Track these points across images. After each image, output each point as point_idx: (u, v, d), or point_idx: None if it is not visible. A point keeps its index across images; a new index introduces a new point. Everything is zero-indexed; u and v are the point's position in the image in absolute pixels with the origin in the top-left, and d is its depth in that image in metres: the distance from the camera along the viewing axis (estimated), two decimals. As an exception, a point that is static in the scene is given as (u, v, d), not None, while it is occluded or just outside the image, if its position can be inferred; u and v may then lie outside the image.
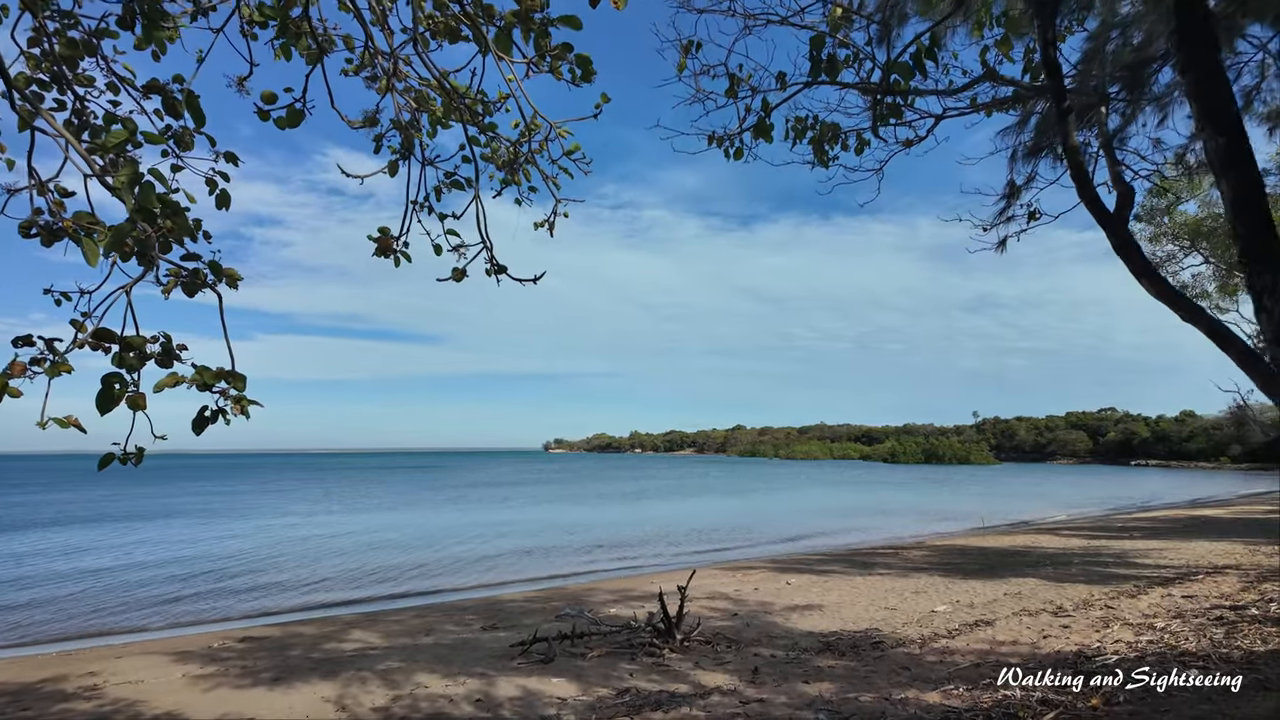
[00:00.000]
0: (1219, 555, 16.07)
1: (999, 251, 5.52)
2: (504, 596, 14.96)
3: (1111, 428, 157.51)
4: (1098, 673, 6.05)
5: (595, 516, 33.68)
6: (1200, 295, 17.09)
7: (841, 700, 6.31)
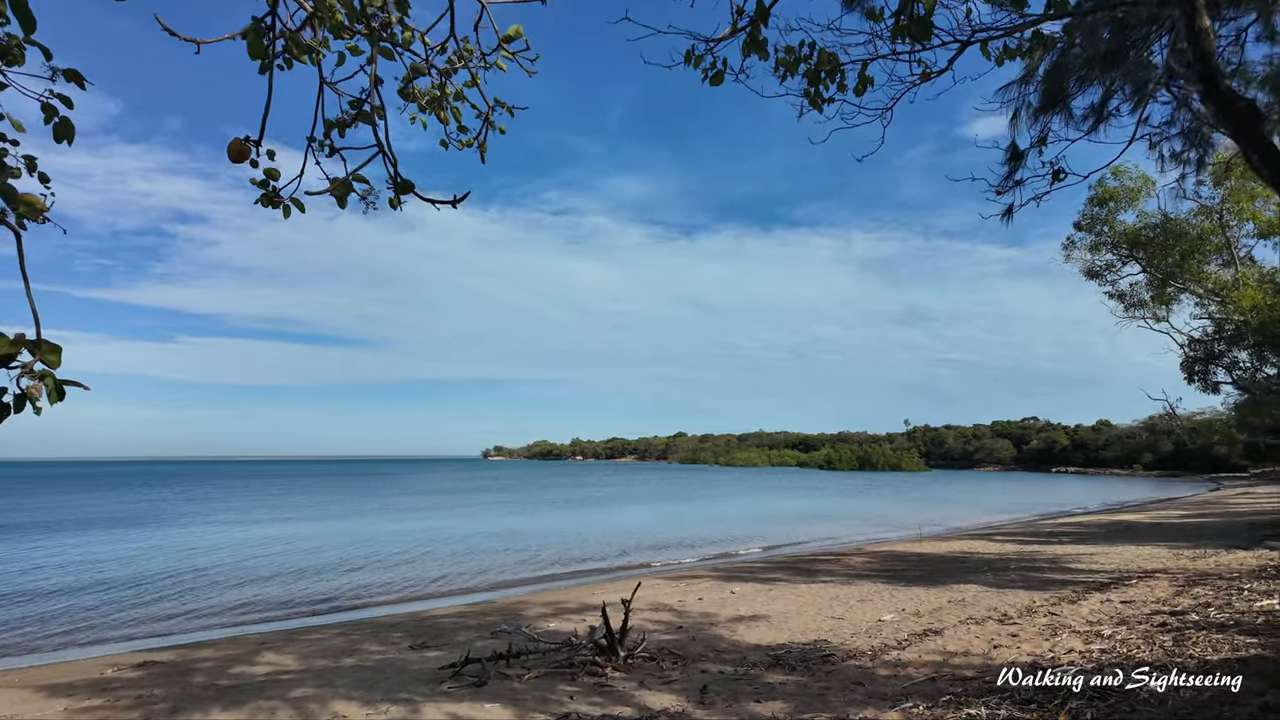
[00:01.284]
0: (1146, 559, 16.51)
1: (1005, 221, 5.22)
2: (436, 611, 14.14)
3: (1034, 436, 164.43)
4: (1061, 688, 5.82)
5: (534, 525, 32.81)
6: (1138, 304, 17.67)
7: (797, 722, 5.92)
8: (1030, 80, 4.30)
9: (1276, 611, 8.36)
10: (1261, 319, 12.96)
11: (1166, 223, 16.03)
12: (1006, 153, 4.70)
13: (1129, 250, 16.64)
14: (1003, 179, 4.77)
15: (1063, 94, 4.18)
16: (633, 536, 27.80)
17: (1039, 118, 4.37)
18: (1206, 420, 40.68)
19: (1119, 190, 16.32)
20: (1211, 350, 15.69)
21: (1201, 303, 16.80)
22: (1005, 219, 5.08)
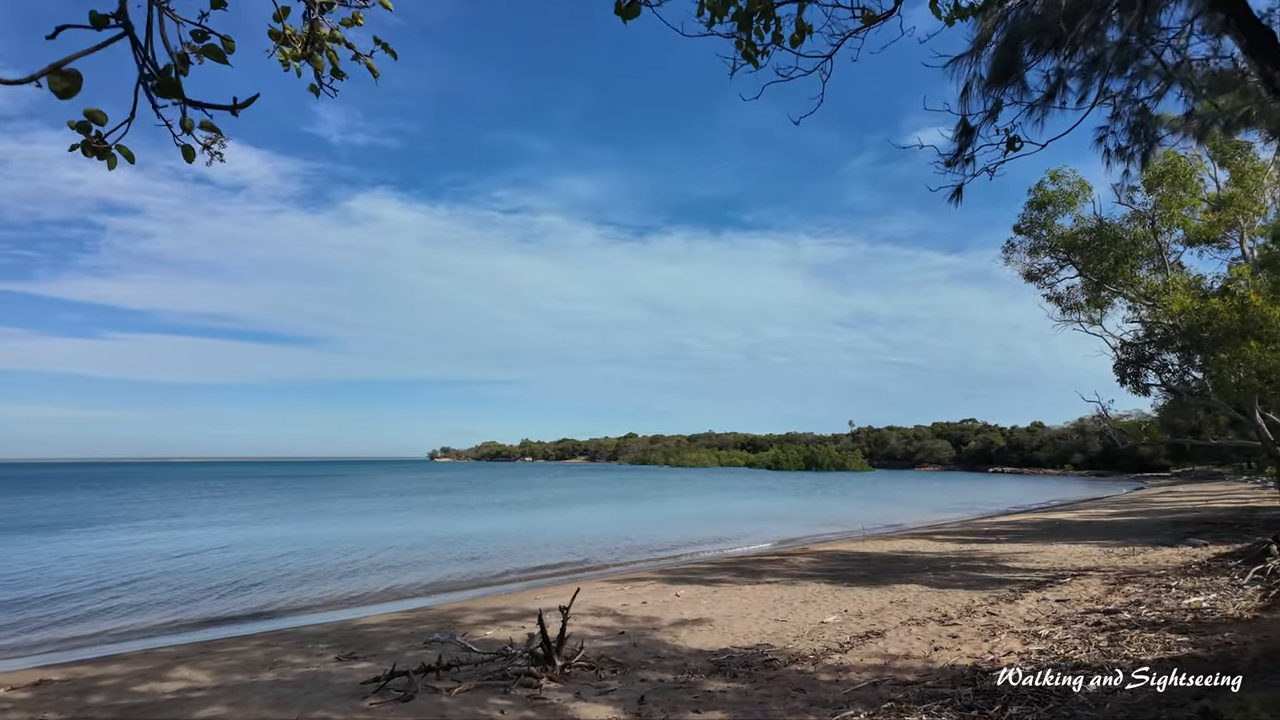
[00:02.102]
0: (1079, 557, 16.93)
1: (955, 203, 5.07)
2: (367, 620, 13.52)
3: (972, 437, 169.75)
4: (999, 692, 5.73)
5: (478, 528, 32.04)
6: (1074, 306, 18.18)
7: (736, 735, 5.69)
8: (981, 52, 4.16)
9: (1204, 610, 8.54)
10: (1189, 323, 13.42)
11: (1102, 228, 16.54)
12: (956, 129, 4.56)
13: (1066, 254, 17.13)
14: (953, 154, 4.62)
15: (1016, 66, 4.05)
16: (580, 539, 27.37)
17: (990, 92, 4.24)
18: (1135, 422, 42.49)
19: (1057, 195, 16.77)
20: (1142, 353, 16.24)
21: (1133, 307, 17.39)
22: (955, 200, 4.94)
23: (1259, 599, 8.81)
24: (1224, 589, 10.08)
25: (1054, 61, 4.06)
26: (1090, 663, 6.39)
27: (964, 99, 4.36)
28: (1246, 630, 6.99)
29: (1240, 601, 8.86)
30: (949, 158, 4.61)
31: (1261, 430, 15.24)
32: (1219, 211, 15.37)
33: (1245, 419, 15.50)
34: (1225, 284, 14.65)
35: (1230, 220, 15.38)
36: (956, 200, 4.93)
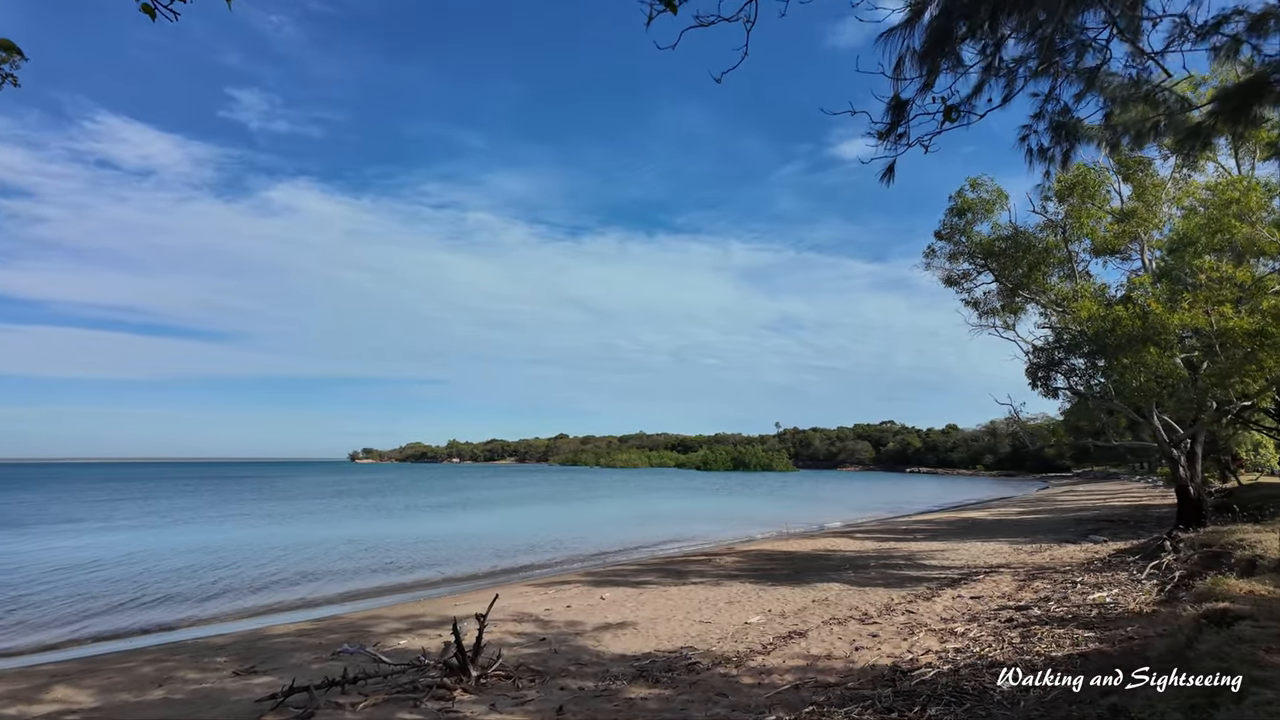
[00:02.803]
0: (990, 554, 17.57)
1: (887, 182, 4.97)
2: (272, 630, 12.73)
3: (891, 438, 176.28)
4: (918, 693, 5.72)
5: (399, 531, 30.93)
6: (990, 311, 18.88)
7: (655, 745, 5.48)
8: (915, 24, 4.08)
9: (1108, 604, 8.87)
10: (1095, 329, 14.09)
11: (1017, 235, 17.26)
12: (888, 104, 4.48)
13: (984, 260, 17.81)
14: (886, 128, 4.54)
15: (950, 38, 3.99)
16: (506, 542, 26.73)
17: (923, 65, 4.17)
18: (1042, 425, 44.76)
19: (976, 202, 17.41)
20: (1052, 358, 17.01)
21: (1045, 313, 18.24)
22: (887, 179, 4.87)
23: (1156, 593, 9.23)
24: (1124, 584, 10.54)
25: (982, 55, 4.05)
26: (1005, 660, 6.49)
27: (897, 72, 4.28)
28: (1147, 624, 7.26)
29: (1140, 596, 9.25)
30: (881, 129, 4.53)
31: (1158, 432, 16.16)
32: (1123, 223, 16.25)
33: (1143, 421, 16.41)
34: (1128, 292, 15.51)
35: (1132, 232, 16.28)
36: (888, 179, 4.87)
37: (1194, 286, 13.01)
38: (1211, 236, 13.58)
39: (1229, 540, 9.81)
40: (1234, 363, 12.60)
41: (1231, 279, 12.76)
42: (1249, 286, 12.85)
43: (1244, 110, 5.22)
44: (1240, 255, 13.51)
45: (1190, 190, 16.52)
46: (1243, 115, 5.27)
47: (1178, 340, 13.38)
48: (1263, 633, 4.08)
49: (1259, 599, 5.19)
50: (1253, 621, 4.36)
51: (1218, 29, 4.59)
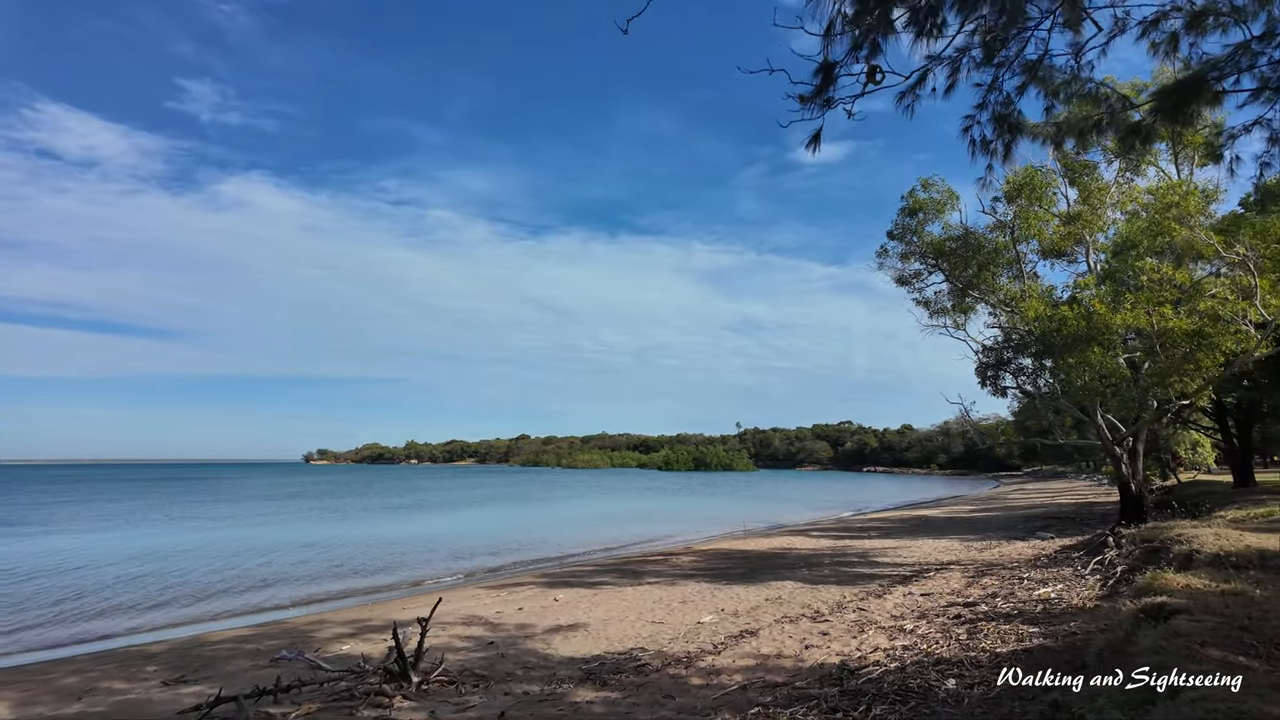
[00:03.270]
0: (942, 552, 17.82)
1: (812, 150, 4.88)
2: (210, 636, 12.22)
3: (848, 438, 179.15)
4: (864, 692, 5.66)
5: (352, 533, 30.18)
6: (941, 311, 19.18)
7: (596, 751, 5.31)
8: None
9: (1052, 600, 8.99)
10: (1042, 329, 14.39)
11: (967, 236, 17.57)
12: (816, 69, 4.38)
13: (935, 260, 18.10)
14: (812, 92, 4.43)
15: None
16: (463, 543, 26.25)
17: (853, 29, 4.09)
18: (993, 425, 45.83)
19: (928, 202, 17.67)
20: (1001, 357, 17.36)
21: (994, 312, 18.61)
22: (812, 148, 4.79)
23: (1099, 588, 9.39)
24: (1069, 579, 10.72)
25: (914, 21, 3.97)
26: (951, 657, 6.48)
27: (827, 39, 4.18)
28: (1089, 619, 7.36)
29: (1083, 591, 9.40)
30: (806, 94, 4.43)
31: (1101, 430, 16.58)
32: (1069, 225, 16.65)
33: (1088, 420, 16.83)
34: (1073, 294, 15.88)
35: (1078, 234, 16.69)
36: (814, 148, 4.78)
37: (1136, 288, 13.36)
38: (1153, 239, 13.97)
39: (1168, 536, 10.03)
40: (1173, 362, 12.97)
41: (1171, 280, 13.14)
42: (1188, 288, 13.25)
43: (1182, 108, 5.27)
44: (1180, 258, 13.92)
45: (1133, 194, 17.01)
46: (1181, 113, 5.33)
47: (1121, 340, 13.74)
48: (1198, 626, 4.10)
49: (1195, 592, 5.25)
50: (1189, 616, 4.38)
51: (1156, 25, 4.62)
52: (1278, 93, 4.75)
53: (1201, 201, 14.35)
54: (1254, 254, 12.67)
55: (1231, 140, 5.76)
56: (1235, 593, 5.22)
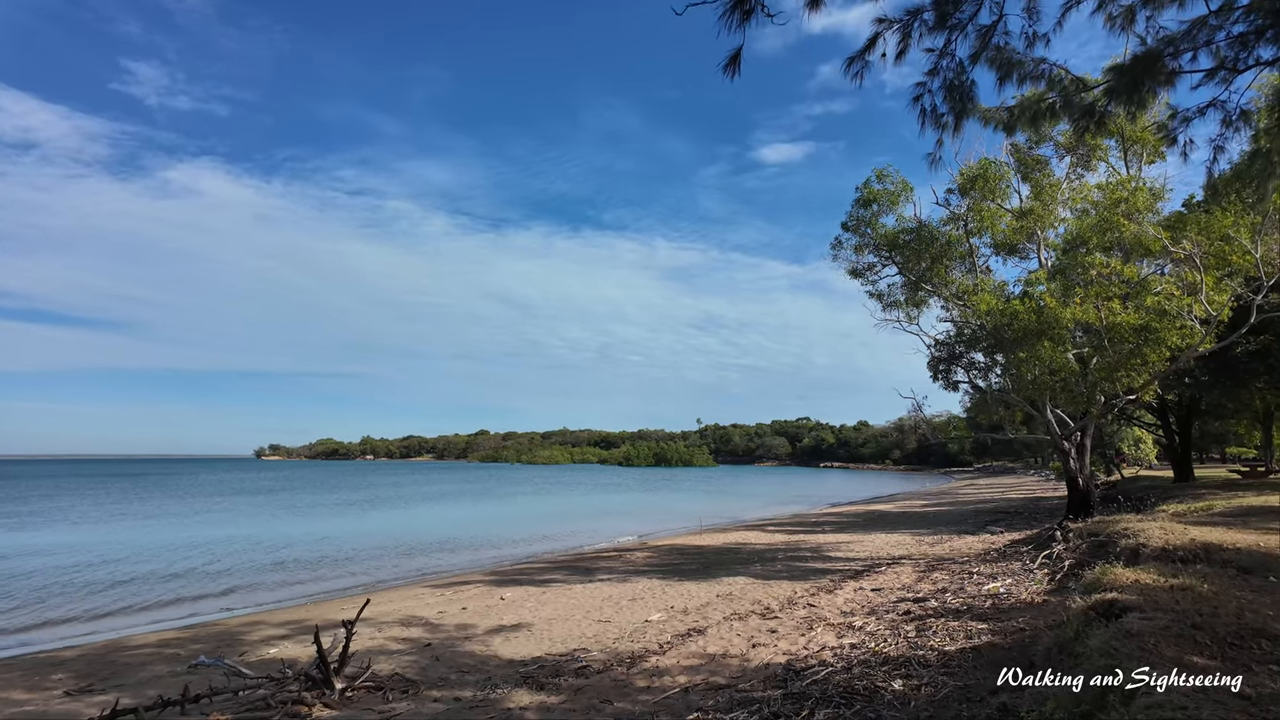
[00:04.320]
0: (894, 546, 17.84)
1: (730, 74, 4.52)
2: (131, 640, 11.49)
3: (806, 435, 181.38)
4: (808, 695, 5.39)
5: (297, 530, 29.16)
6: (894, 304, 19.19)
7: (521, 764, 4.94)
8: None
9: (1001, 595, 8.90)
10: (994, 323, 14.44)
11: (921, 229, 17.59)
12: None
13: (889, 252, 18.08)
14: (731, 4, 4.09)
15: None
16: (416, 539, 25.52)
17: None
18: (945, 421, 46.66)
19: (882, 193, 17.63)
20: (953, 351, 17.44)
21: (946, 306, 18.68)
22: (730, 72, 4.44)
23: (1047, 583, 9.35)
24: (1018, 574, 10.69)
25: None
26: (898, 656, 6.27)
27: None
28: (1037, 615, 7.24)
29: (1032, 586, 9.35)
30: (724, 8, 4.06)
31: (1051, 425, 16.77)
32: (1021, 220, 16.77)
33: (1037, 414, 17.01)
34: (1025, 288, 16.00)
35: (1030, 229, 16.83)
36: (732, 72, 4.45)
37: (1086, 283, 13.47)
38: (1102, 235, 14.10)
39: (1114, 530, 10.06)
40: (1121, 357, 13.10)
41: (1120, 275, 13.27)
42: (1135, 284, 13.40)
43: (1136, 87, 5.10)
44: (1128, 253, 14.09)
45: (1083, 191, 17.21)
46: (1135, 92, 5.16)
47: (1070, 335, 13.84)
48: (1150, 625, 3.92)
49: (1144, 588, 5.11)
50: (1140, 613, 4.21)
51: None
52: (1234, 72, 4.60)
53: (1150, 198, 14.55)
54: (1199, 250, 12.86)
55: (1185, 123, 5.64)
56: (1184, 588, 5.09)
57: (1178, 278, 13.70)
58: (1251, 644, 3.81)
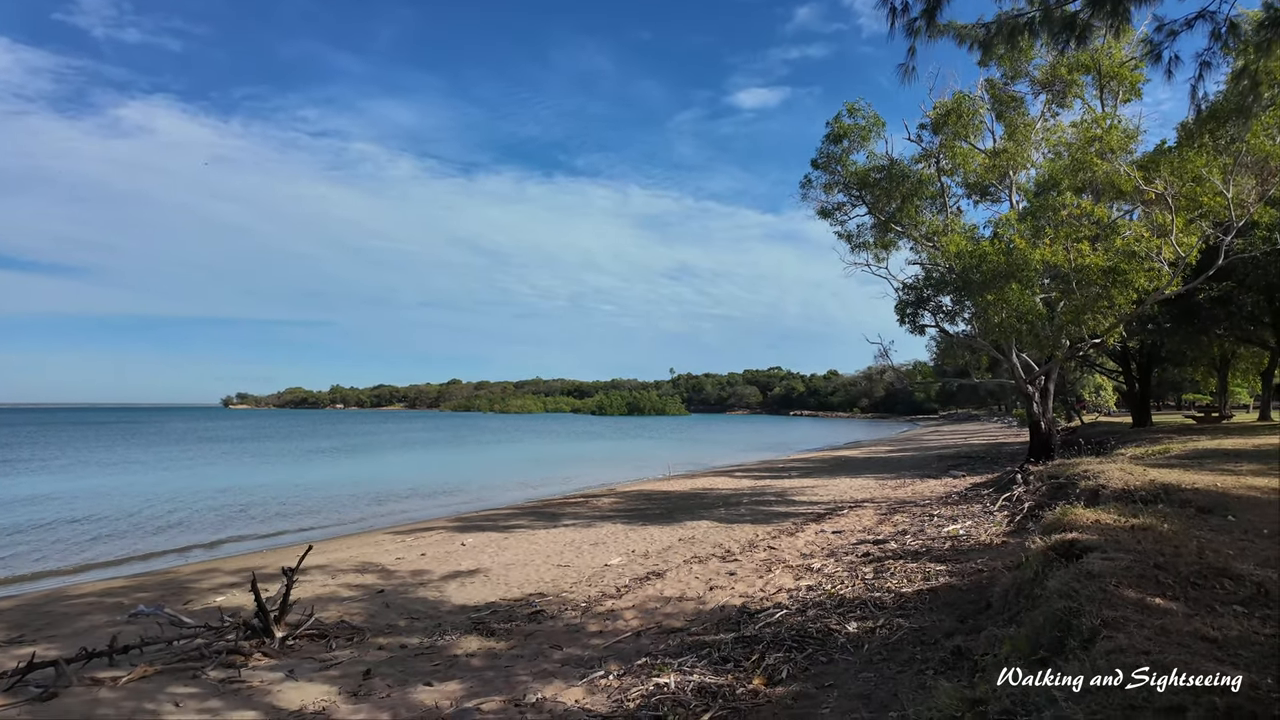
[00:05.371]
0: (858, 490, 17.97)
1: None
2: (74, 590, 11.09)
3: (777, 384, 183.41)
4: (760, 638, 5.23)
5: (265, 478, 28.58)
6: (863, 245, 18.88)
7: (458, 714, 4.72)
8: None
9: (960, 537, 8.87)
10: (963, 265, 14.23)
11: (892, 166, 17.17)
12: None
13: (859, 191, 17.65)
14: None
15: None
16: (385, 487, 25.17)
17: None
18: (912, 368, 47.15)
19: (853, 128, 17.12)
20: (921, 295, 17.27)
21: (916, 248, 18.41)
22: None
23: (1006, 524, 9.35)
24: (978, 516, 10.72)
25: None
26: (854, 598, 6.15)
27: None
28: (996, 556, 7.18)
29: (991, 527, 9.34)
30: None
31: (1015, 369, 16.81)
32: (994, 159, 16.43)
33: (1003, 358, 17.03)
34: (995, 229, 15.78)
35: (1002, 168, 16.52)
36: None
37: (1056, 224, 13.26)
38: (1074, 176, 13.85)
39: (1075, 472, 10.06)
40: (1088, 299, 13.01)
41: (1090, 216, 13.07)
42: (1105, 225, 13.22)
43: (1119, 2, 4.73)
44: (1100, 194, 13.88)
45: (1057, 131, 16.86)
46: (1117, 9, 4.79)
47: (1038, 278, 13.69)
48: (1111, 565, 3.76)
49: (1105, 528, 4.98)
50: (1101, 554, 4.05)
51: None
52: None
53: (1124, 138, 14.28)
54: (1171, 190, 12.67)
55: (1172, 37, 5.29)
56: (1145, 527, 4.97)
57: (1148, 219, 13.56)
58: (1214, 583, 3.67)
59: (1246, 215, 13.11)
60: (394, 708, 4.97)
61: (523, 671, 5.51)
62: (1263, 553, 4.84)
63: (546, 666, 5.59)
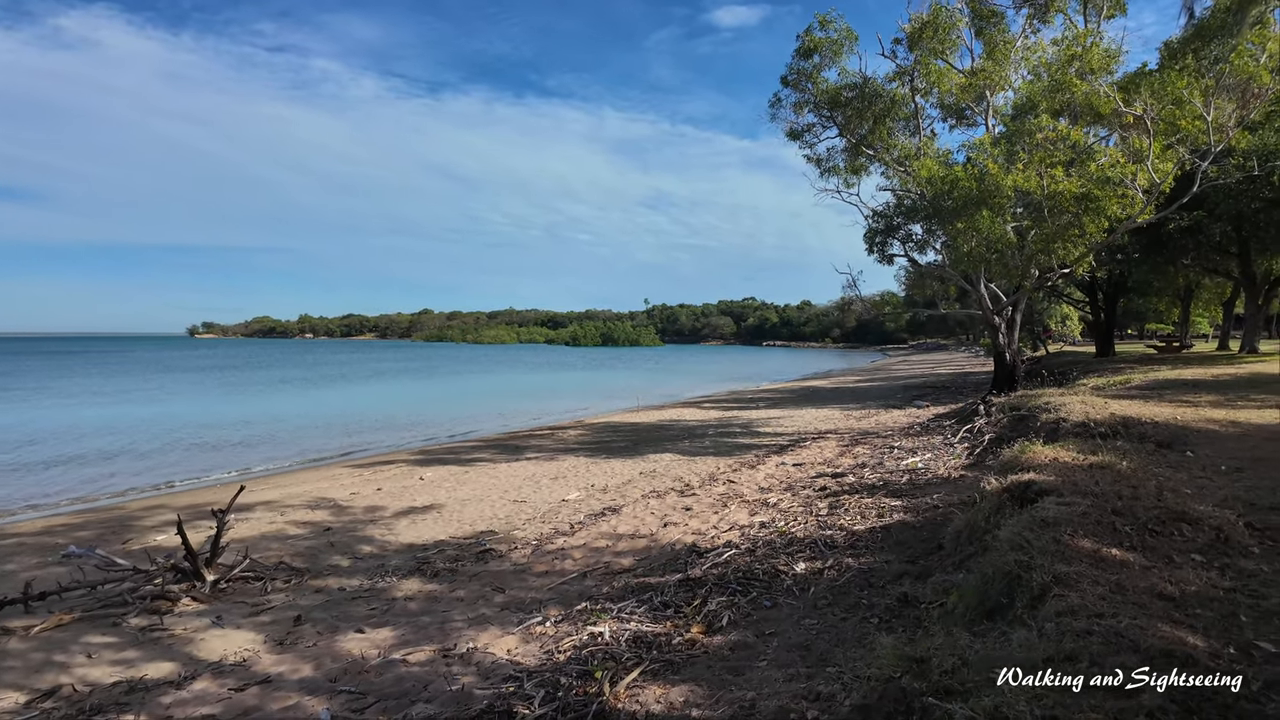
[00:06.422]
0: (822, 421, 17.97)
1: None
2: (10, 529, 10.67)
3: (751, 314, 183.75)
4: (704, 581, 5.03)
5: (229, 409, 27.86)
6: (833, 170, 18.24)
7: (382, 665, 4.48)
8: None
9: (919, 470, 8.76)
10: (934, 191, 13.79)
11: (865, 85, 16.41)
12: None
13: (830, 112, 16.90)
14: None
15: None
16: (352, 419, 24.69)
17: None
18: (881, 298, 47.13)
19: (824, 42, 16.24)
20: (891, 223, 16.85)
21: (887, 173, 17.83)
22: None
23: (966, 457, 9.27)
24: (938, 448, 10.65)
25: None
26: (806, 536, 5.98)
27: None
28: (952, 491, 7.06)
29: (951, 460, 9.26)
30: None
31: (983, 299, 16.64)
32: (971, 78, 15.76)
33: (971, 289, 16.82)
34: (968, 154, 15.26)
35: (979, 89, 15.87)
36: None
37: (1031, 148, 12.80)
38: (1052, 98, 13.32)
39: (1036, 404, 9.97)
40: (1059, 228, 12.71)
41: (1066, 139, 12.62)
42: (1080, 149, 12.80)
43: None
44: (1077, 117, 13.41)
45: (1037, 49, 16.15)
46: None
47: (1010, 206, 13.32)
48: (1067, 511, 3.54)
49: (1063, 467, 4.80)
50: (1057, 498, 3.85)
51: None
52: None
53: (1105, 58, 13.69)
54: (1151, 113, 12.24)
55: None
56: (1103, 466, 4.79)
57: (1125, 145, 13.15)
58: (1172, 529, 3.47)
59: (1225, 140, 12.75)
60: (318, 658, 4.72)
61: (459, 617, 5.29)
62: (1220, 491, 4.70)
63: (485, 611, 5.37)
